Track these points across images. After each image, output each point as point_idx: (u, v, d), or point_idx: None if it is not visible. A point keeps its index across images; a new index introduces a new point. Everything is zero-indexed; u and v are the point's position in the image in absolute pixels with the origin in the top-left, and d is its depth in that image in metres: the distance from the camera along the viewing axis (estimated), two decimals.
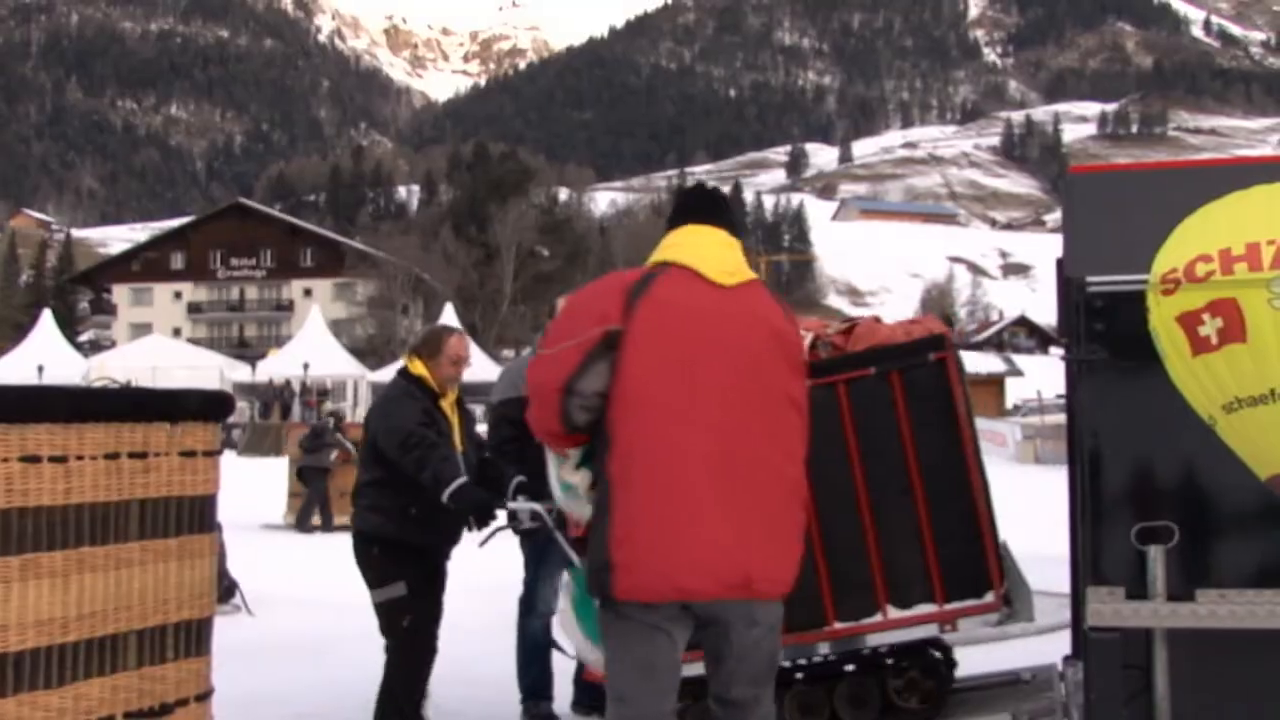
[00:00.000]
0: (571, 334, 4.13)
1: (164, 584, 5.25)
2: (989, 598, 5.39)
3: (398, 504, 6.09)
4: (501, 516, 6.10)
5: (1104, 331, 4.54)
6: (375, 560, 6.09)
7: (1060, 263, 5.23)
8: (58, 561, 4.79)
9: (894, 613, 5.45)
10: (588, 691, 6.98)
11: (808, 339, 5.63)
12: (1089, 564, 4.56)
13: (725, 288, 4.14)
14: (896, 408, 5.47)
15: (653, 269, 4.19)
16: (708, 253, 4.21)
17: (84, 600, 4.89)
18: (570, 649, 5.17)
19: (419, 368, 6.43)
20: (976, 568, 5.41)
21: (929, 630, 5.49)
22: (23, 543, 4.66)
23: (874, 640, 5.54)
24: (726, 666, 4.07)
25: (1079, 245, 4.70)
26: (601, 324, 4.05)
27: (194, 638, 5.41)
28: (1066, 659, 5.69)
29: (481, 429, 6.97)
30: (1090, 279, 4.58)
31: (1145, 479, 4.53)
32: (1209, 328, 4.31)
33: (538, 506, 5.84)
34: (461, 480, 5.94)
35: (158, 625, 5.23)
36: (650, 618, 3.99)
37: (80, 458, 4.86)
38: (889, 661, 5.72)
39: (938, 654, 5.77)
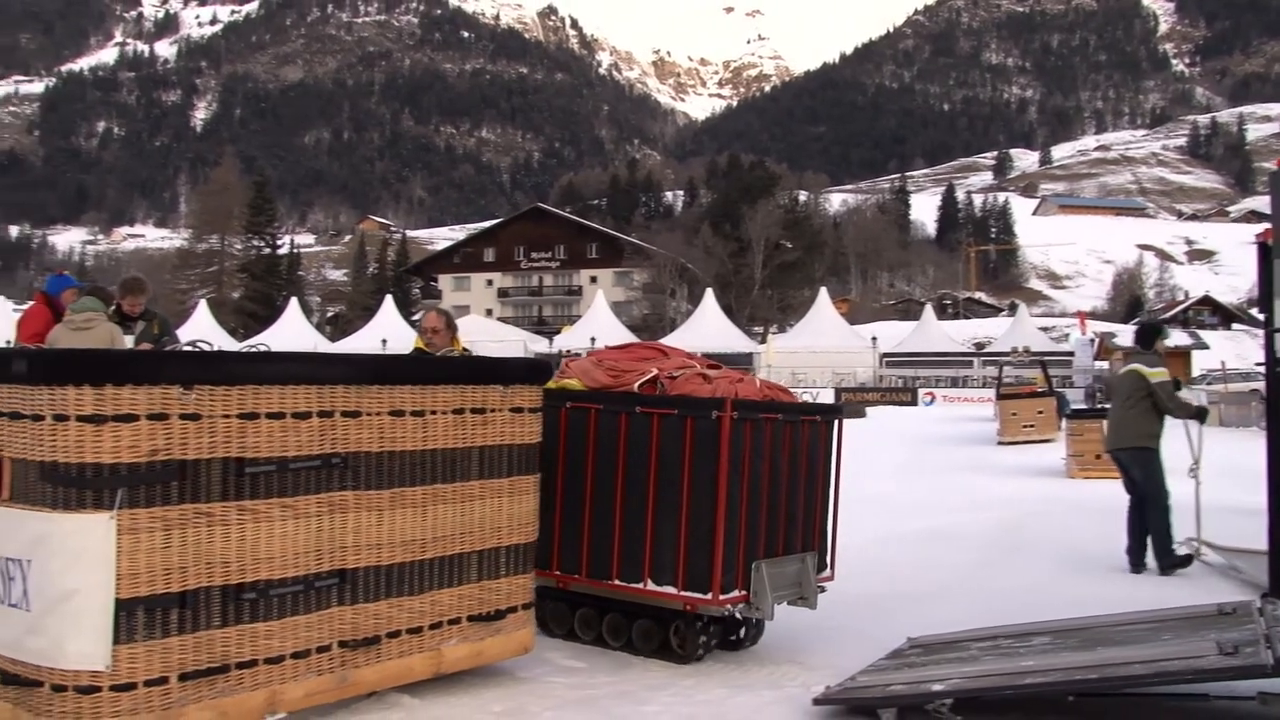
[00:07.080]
0: None
1: (498, 514, 5.46)
2: (709, 595, 5.98)
3: None
4: None
5: None
6: None
7: (1263, 246, 4.97)
8: (418, 495, 5.02)
9: (651, 585, 6.18)
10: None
11: (650, 373, 6.54)
12: None
13: None
14: (684, 442, 6.03)
15: None
16: None
17: (437, 526, 5.13)
18: None
19: (419, 343, 7.18)
20: (705, 572, 6.00)
21: (675, 605, 6.15)
22: (392, 479, 4.90)
23: (641, 600, 6.31)
24: None
25: None
26: None
27: (521, 558, 5.66)
28: (1265, 596, 5.41)
29: None
30: None
31: None
32: None
33: None
34: None
35: (493, 547, 5.46)
36: None
37: (434, 412, 5.08)
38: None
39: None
